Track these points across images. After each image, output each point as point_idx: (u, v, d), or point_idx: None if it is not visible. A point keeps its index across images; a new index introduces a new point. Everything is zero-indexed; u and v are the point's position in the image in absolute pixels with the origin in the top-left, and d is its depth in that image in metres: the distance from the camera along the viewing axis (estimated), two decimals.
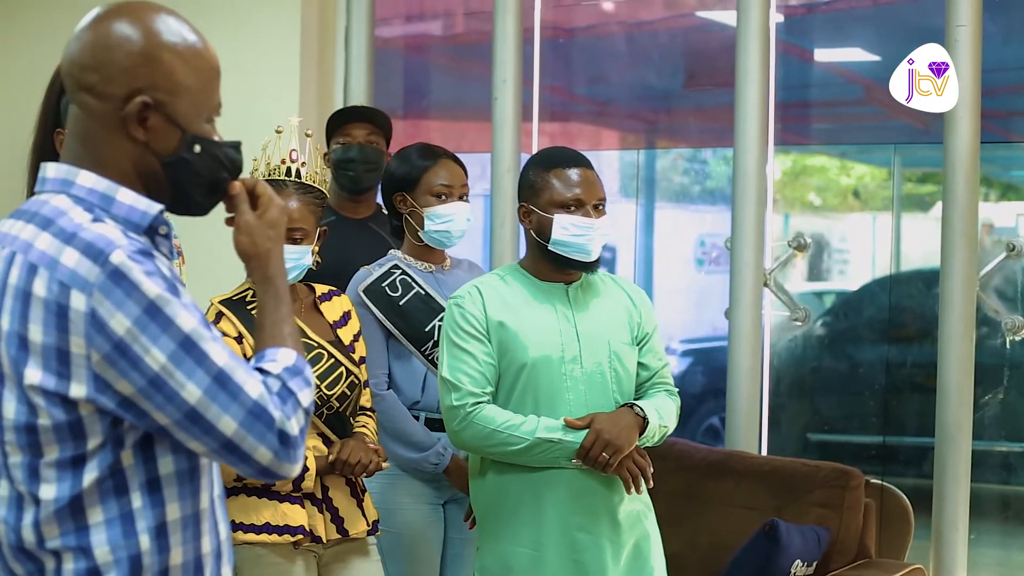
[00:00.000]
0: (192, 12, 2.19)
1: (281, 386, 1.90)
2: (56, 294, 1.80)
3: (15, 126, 1.99)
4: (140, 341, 1.78)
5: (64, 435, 1.83)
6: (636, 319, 3.36)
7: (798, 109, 5.82)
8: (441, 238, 3.70)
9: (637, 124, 6.56)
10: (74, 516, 1.84)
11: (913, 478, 5.41)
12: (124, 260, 1.80)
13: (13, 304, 1.83)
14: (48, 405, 1.82)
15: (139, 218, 1.91)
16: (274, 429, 1.85)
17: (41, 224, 1.87)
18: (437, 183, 3.68)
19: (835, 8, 5.70)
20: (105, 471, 1.84)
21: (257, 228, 2.03)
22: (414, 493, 3.65)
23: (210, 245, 4.34)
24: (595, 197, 3.26)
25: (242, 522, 3.17)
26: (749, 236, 4.56)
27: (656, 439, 3.29)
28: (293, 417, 1.88)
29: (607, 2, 6.26)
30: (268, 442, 1.85)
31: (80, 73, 1.91)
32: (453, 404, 3.22)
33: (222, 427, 1.82)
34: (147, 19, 1.92)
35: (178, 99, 1.92)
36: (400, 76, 6.34)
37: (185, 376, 1.80)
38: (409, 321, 3.64)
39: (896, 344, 5.71)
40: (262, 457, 1.85)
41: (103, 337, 1.78)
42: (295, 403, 1.90)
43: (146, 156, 1.93)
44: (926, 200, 6.17)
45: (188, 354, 1.80)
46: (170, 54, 1.92)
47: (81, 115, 1.93)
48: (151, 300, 1.79)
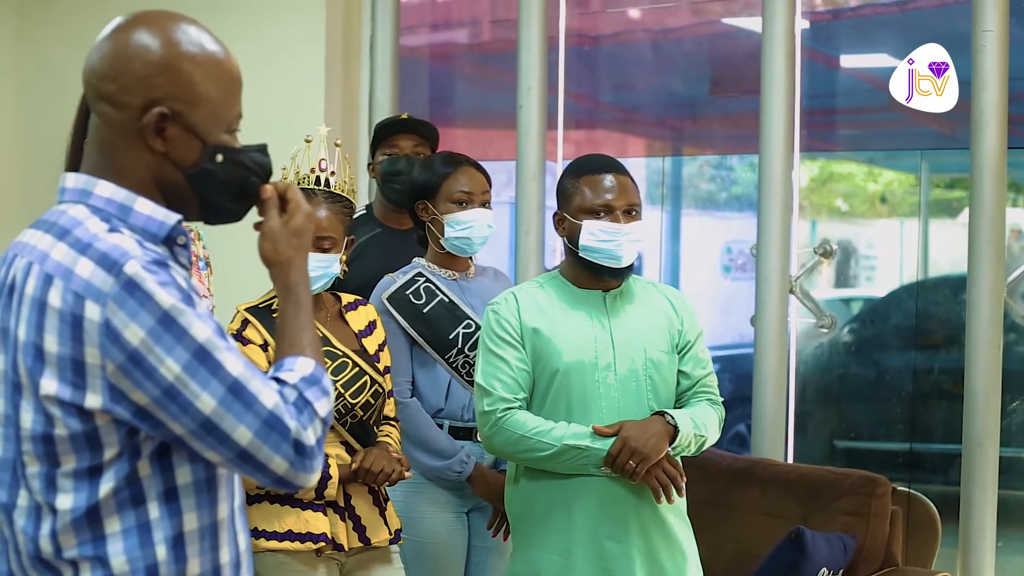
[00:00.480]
0: (216, 22, 2.20)
1: (298, 396, 1.88)
2: (71, 304, 1.80)
3: (45, 133, 2.01)
4: (154, 351, 1.78)
5: (80, 445, 1.83)
6: (677, 326, 3.34)
7: (824, 115, 5.80)
8: (462, 244, 3.70)
9: (663, 131, 6.55)
10: (91, 526, 1.84)
11: (940, 485, 5.39)
12: (138, 270, 1.80)
13: (30, 314, 1.83)
14: (64, 415, 1.82)
15: (157, 228, 1.91)
16: (289, 439, 1.84)
17: (58, 234, 1.87)
18: (457, 190, 3.68)
19: (861, 14, 5.69)
20: (122, 481, 1.84)
21: (281, 235, 2.01)
22: (438, 501, 3.65)
23: (237, 253, 4.36)
24: (626, 202, 3.25)
25: (264, 529, 3.17)
26: (775, 243, 4.55)
27: (692, 449, 3.25)
28: (309, 427, 1.87)
29: (632, 9, 6.26)
30: (283, 452, 1.84)
31: (98, 83, 1.91)
32: (485, 409, 3.22)
33: (237, 437, 1.81)
34: (167, 29, 1.92)
35: (197, 109, 1.91)
36: (425, 84, 6.35)
37: (199, 386, 1.80)
38: (433, 328, 3.65)
39: (923, 351, 5.69)
40: (277, 467, 1.84)
41: (117, 347, 1.78)
42: (311, 413, 1.88)
43: (165, 166, 1.92)
44: (954, 206, 6.15)
45: (202, 364, 1.80)
46: (189, 64, 1.91)
47: (100, 125, 1.93)
48: (165, 310, 1.79)
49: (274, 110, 5.27)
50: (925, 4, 5.46)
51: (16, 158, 5.86)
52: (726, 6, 5.92)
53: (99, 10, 2.04)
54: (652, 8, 6.20)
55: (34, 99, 5.79)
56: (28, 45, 5.87)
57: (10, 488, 1.90)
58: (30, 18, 5.89)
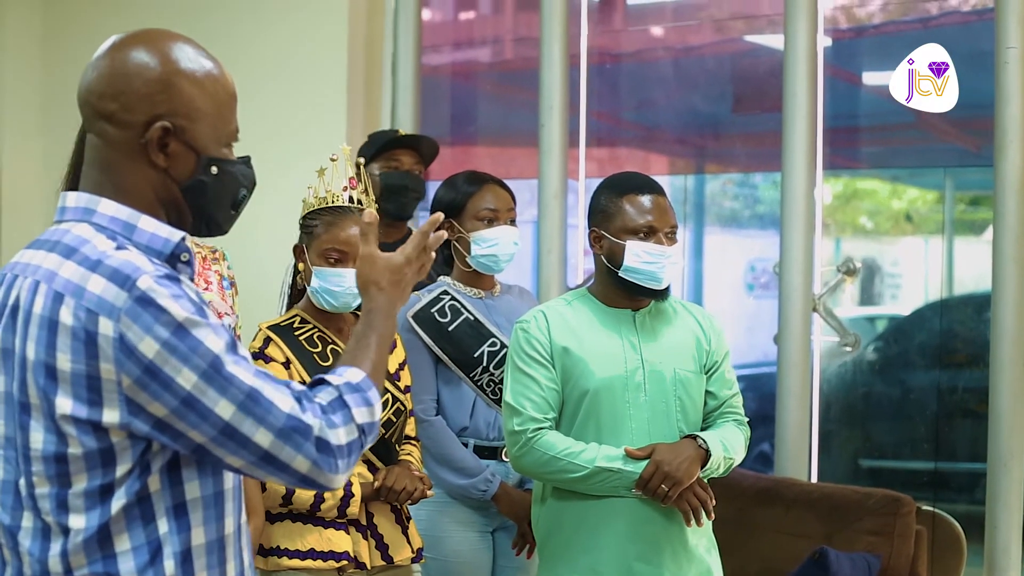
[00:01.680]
0: (240, 41, 2.22)
1: (336, 397, 1.91)
2: (83, 321, 1.80)
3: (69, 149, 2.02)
4: (171, 362, 1.79)
5: (94, 463, 1.83)
6: (706, 347, 3.33)
7: (848, 133, 5.78)
8: (488, 262, 3.71)
9: (685, 149, 6.54)
10: (102, 545, 1.85)
11: (965, 504, 5.35)
12: (152, 285, 1.81)
13: (39, 333, 1.84)
14: (80, 433, 1.82)
15: (161, 245, 1.93)
16: (311, 437, 1.85)
17: (64, 253, 1.88)
18: (483, 208, 3.69)
19: (883, 31, 5.67)
20: (132, 498, 1.85)
21: (379, 262, 2.09)
22: (462, 520, 3.65)
23: (261, 273, 4.38)
24: (667, 224, 3.25)
25: (287, 548, 3.17)
26: (797, 261, 4.53)
27: (721, 471, 3.25)
28: (341, 427, 1.88)
29: (654, 27, 6.26)
30: (305, 451, 1.85)
31: (98, 102, 1.92)
32: (515, 429, 3.21)
33: (258, 439, 1.83)
34: (163, 46, 1.94)
35: (196, 124, 1.93)
36: (448, 103, 6.36)
37: (218, 393, 1.81)
38: (458, 346, 3.65)
39: (948, 369, 5.66)
40: (300, 465, 1.86)
41: (133, 361, 1.79)
42: (346, 416, 1.90)
43: (166, 182, 1.94)
44: (978, 223, 6.12)
45: (219, 372, 1.82)
46: (187, 80, 1.93)
47: (100, 144, 1.94)
48: (179, 322, 1.80)
49: (297, 128, 5.30)
50: (948, 21, 5.45)
51: (41, 172, 5.90)
52: (748, 23, 5.92)
53: (124, 25, 2.05)
54: (674, 26, 6.20)
55: (59, 114, 5.82)
56: (53, 61, 5.91)
57: (12, 510, 1.90)
58: (54, 34, 5.93)
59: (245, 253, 3.92)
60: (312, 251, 3.24)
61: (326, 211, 3.25)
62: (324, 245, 3.22)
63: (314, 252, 3.24)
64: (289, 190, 3.63)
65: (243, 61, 5.14)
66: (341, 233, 3.22)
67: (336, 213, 3.24)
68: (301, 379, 3.20)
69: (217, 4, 5.45)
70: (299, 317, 3.31)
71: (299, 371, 3.20)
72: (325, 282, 3.22)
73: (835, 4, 5.50)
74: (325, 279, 3.22)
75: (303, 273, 3.29)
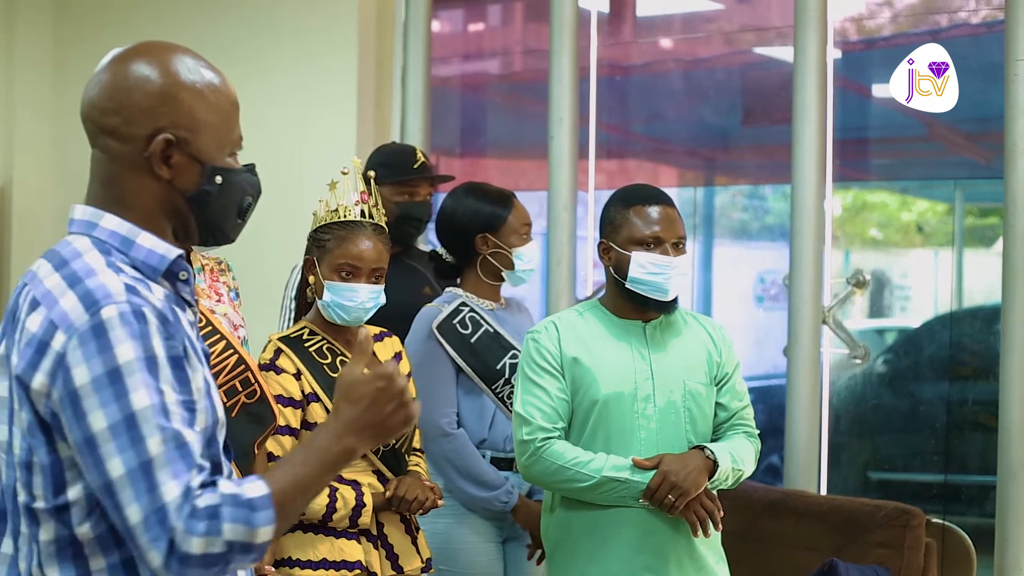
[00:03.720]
0: (250, 52, 2.22)
1: (213, 506, 1.77)
2: (43, 331, 1.81)
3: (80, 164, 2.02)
4: (90, 399, 1.77)
5: (48, 478, 1.83)
6: (716, 358, 3.33)
7: (857, 145, 5.78)
8: (525, 276, 3.78)
9: (695, 161, 6.55)
10: (75, 560, 1.84)
11: (975, 517, 5.34)
12: (113, 316, 1.79)
13: (19, 338, 1.85)
14: (36, 444, 1.83)
15: (157, 262, 1.92)
16: (166, 539, 1.75)
17: (57, 264, 1.88)
18: (522, 223, 3.73)
19: (893, 43, 5.67)
20: (98, 520, 1.83)
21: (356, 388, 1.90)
22: (479, 532, 3.66)
23: (266, 284, 4.38)
24: (674, 235, 3.25)
25: (299, 558, 3.18)
26: (807, 273, 4.53)
27: (729, 483, 3.25)
28: (199, 538, 1.75)
29: (664, 39, 6.26)
30: (159, 548, 1.75)
31: (100, 117, 1.92)
32: (524, 438, 3.22)
33: (128, 513, 1.76)
34: (163, 58, 1.93)
35: (199, 135, 1.93)
36: (457, 115, 6.37)
37: (116, 450, 1.76)
38: (481, 358, 3.66)
39: (957, 381, 5.65)
40: (152, 560, 1.76)
41: (63, 381, 1.78)
42: (215, 528, 1.76)
43: (171, 194, 1.94)
44: (988, 235, 6.12)
45: (128, 430, 1.76)
46: (188, 92, 1.92)
47: (104, 158, 1.94)
48: (117, 365, 1.77)
49: (307, 141, 5.31)
50: (958, 33, 5.45)
51: (52, 185, 5.91)
52: (758, 36, 5.92)
53: (136, 39, 2.05)
54: (684, 38, 6.20)
55: (70, 128, 5.84)
56: (64, 74, 5.93)
57: (12, 515, 1.90)
58: (66, 47, 5.95)
59: (249, 264, 3.92)
60: (324, 265, 3.25)
61: (337, 225, 3.26)
62: (337, 260, 3.23)
63: (326, 266, 3.25)
64: (298, 201, 3.64)
65: (253, 73, 5.15)
66: (353, 248, 3.23)
67: (348, 228, 3.25)
68: (312, 390, 3.21)
69: (228, 17, 5.46)
70: (308, 329, 3.32)
71: (310, 382, 3.21)
72: (338, 296, 3.23)
73: (845, 16, 5.50)
74: (338, 294, 3.23)
75: (314, 286, 3.30)
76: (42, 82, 5.97)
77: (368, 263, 3.23)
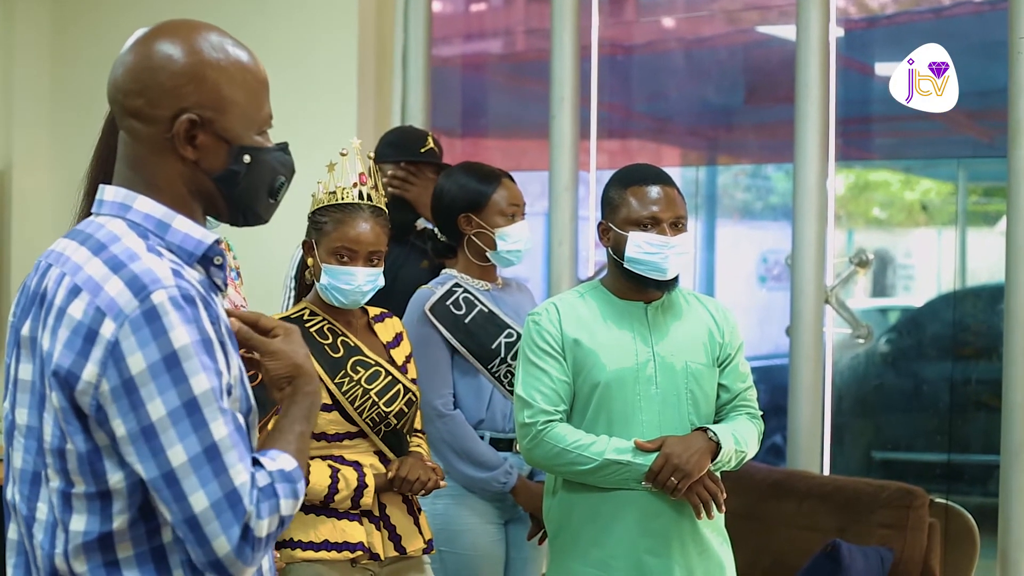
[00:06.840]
0: (248, 34, 2.20)
1: (269, 484, 1.81)
2: (90, 318, 1.78)
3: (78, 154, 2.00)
4: (149, 386, 1.74)
5: (84, 467, 1.80)
6: (719, 339, 3.32)
7: (860, 124, 5.77)
8: (511, 257, 3.71)
9: (697, 141, 6.53)
10: (103, 550, 1.81)
11: (979, 497, 5.34)
12: (164, 301, 1.77)
13: (55, 324, 1.81)
14: (72, 431, 1.80)
15: (193, 247, 1.90)
16: (242, 522, 1.75)
17: (94, 248, 1.85)
18: (508, 203, 3.69)
19: (896, 22, 5.65)
20: (135, 510, 1.81)
21: (290, 348, 2.00)
22: (480, 513, 3.65)
23: (267, 264, 4.37)
24: (673, 215, 3.23)
25: (300, 540, 3.17)
26: (810, 253, 4.52)
27: (732, 464, 3.24)
28: (267, 519, 1.79)
29: (666, 18, 6.24)
30: (231, 533, 1.75)
31: (125, 99, 1.90)
32: (526, 421, 3.21)
33: (193, 500, 1.74)
34: (188, 37, 1.90)
35: (226, 115, 1.90)
36: (458, 95, 6.35)
37: (178, 436, 1.74)
38: (475, 339, 3.64)
39: (961, 361, 5.65)
40: (219, 547, 1.75)
41: (117, 370, 1.75)
42: (274, 506, 1.80)
43: (198, 175, 1.91)
44: (991, 214, 6.11)
45: (189, 415, 1.75)
46: (214, 71, 1.89)
47: (129, 140, 1.91)
48: (174, 350, 1.75)
49: (307, 121, 5.29)
50: (961, 11, 5.42)
51: (51, 169, 5.90)
52: (761, 14, 5.90)
53: (133, 23, 2.03)
54: (686, 17, 6.18)
55: (69, 112, 5.82)
56: (62, 59, 5.91)
57: (29, 500, 1.88)
58: (63, 31, 5.93)
59: (248, 244, 3.90)
60: (322, 248, 3.24)
61: (335, 208, 3.24)
62: (334, 243, 3.22)
63: (324, 249, 3.23)
64: (298, 182, 3.60)
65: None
66: (351, 231, 3.21)
67: (345, 210, 3.23)
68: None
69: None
70: (308, 309, 3.31)
71: (312, 362, 3.20)
72: (335, 280, 3.22)
73: None
74: (335, 277, 3.22)
75: (312, 268, 3.29)
76: (40, 66, 5.95)
77: (365, 246, 3.22)
